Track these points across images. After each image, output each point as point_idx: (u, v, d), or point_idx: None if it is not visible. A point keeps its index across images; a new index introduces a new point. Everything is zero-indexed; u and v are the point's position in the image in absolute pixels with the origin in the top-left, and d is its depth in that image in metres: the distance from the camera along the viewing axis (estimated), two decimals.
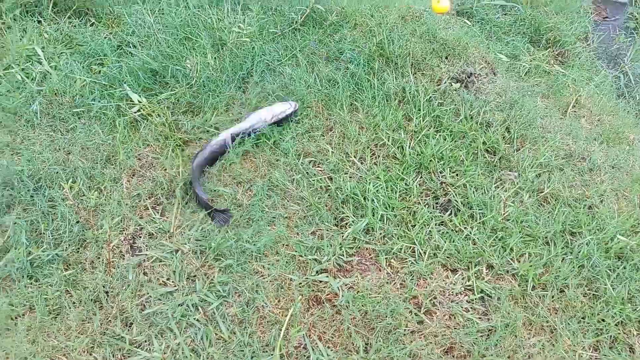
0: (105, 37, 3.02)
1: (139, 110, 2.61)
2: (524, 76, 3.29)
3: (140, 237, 2.23)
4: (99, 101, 2.66)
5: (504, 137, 2.75)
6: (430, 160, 2.56)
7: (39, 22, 3.10)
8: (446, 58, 3.09)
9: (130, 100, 2.63)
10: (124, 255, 2.17)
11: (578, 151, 2.77)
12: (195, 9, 3.09)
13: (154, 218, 2.29)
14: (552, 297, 2.16)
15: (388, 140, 2.63)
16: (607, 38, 4.06)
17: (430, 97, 2.83)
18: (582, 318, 2.12)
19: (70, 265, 2.13)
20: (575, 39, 3.78)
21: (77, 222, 2.24)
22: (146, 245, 2.20)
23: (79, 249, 2.18)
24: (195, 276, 2.11)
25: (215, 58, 2.83)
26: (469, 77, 2.97)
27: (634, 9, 4.39)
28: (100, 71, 2.81)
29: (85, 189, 2.33)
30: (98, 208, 2.30)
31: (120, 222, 2.26)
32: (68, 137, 2.55)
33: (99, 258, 2.14)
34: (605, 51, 3.95)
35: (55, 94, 2.70)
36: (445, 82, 2.90)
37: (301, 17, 3.06)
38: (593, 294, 2.20)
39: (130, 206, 2.32)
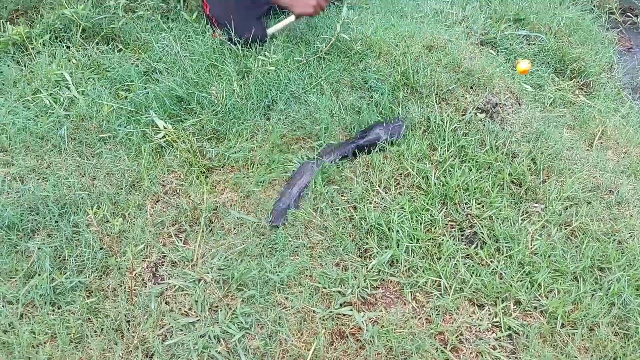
0: (132, 64, 3.05)
1: (164, 137, 2.61)
2: (549, 106, 3.26)
3: (163, 265, 2.22)
4: (125, 127, 2.68)
5: (529, 169, 2.71)
6: (456, 191, 2.53)
7: (68, 47, 3.15)
8: (471, 88, 3.07)
9: (156, 127, 2.64)
10: (146, 284, 2.16)
11: (605, 184, 2.72)
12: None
13: (177, 246, 2.28)
14: (582, 335, 2.10)
15: (413, 170, 2.61)
16: (632, 69, 4.02)
17: (455, 127, 2.81)
18: (614, 358, 2.05)
19: (92, 292, 2.12)
20: (600, 69, 3.75)
21: (101, 248, 2.24)
22: (169, 274, 2.19)
23: (101, 276, 2.17)
24: (217, 306, 2.08)
25: (240, 85, 2.84)
26: (494, 108, 2.94)
27: None
28: (127, 97, 2.83)
29: (109, 215, 2.33)
30: (122, 234, 2.30)
31: (144, 249, 2.25)
32: (94, 162, 2.57)
33: (122, 286, 2.13)
34: (630, 82, 3.91)
35: (82, 119, 2.72)
36: (471, 112, 2.88)
37: (326, 46, 3.07)
38: (624, 333, 2.13)
39: (153, 233, 2.31)
